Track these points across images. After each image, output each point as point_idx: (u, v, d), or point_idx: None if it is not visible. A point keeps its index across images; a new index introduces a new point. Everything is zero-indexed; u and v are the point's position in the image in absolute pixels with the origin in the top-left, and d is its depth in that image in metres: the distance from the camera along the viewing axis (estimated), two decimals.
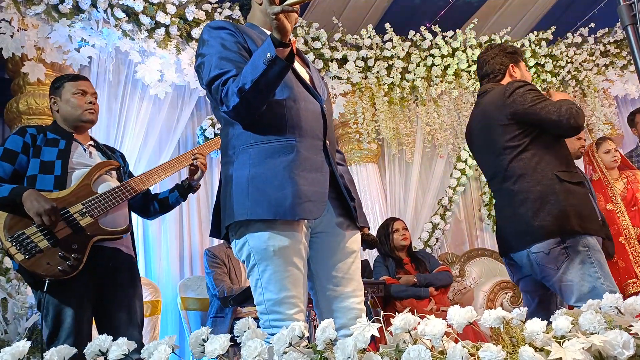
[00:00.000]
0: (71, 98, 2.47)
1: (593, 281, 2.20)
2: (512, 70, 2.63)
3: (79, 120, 2.48)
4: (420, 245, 5.29)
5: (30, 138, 2.38)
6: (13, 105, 3.98)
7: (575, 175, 2.41)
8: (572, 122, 2.32)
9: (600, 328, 1.30)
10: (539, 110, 2.37)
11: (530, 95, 2.41)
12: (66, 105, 2.48)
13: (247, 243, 1.68)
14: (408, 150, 5.48)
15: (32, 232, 2.18)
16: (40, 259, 2.14)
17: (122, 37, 4.18)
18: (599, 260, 2.25)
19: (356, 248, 1.85)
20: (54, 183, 2.31)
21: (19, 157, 2.34)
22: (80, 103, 2.47)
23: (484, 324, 1.38)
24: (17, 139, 2.37)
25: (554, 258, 2.27)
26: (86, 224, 2.27)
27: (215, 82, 1.67)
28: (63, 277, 2.15)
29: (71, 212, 2.26)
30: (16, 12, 3.77)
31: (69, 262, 2.17)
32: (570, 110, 2.32)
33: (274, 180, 1.66)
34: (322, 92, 1.87)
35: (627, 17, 1.41)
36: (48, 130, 2.46)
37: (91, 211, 2.29)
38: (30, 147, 2.36)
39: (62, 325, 2.19)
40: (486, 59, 2.69)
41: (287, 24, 1.56)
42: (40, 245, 2.16)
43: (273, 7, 1.53)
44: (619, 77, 6.04)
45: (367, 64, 5.32)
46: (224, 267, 3.83)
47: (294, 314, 1.64)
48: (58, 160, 2.35)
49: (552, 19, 5.70)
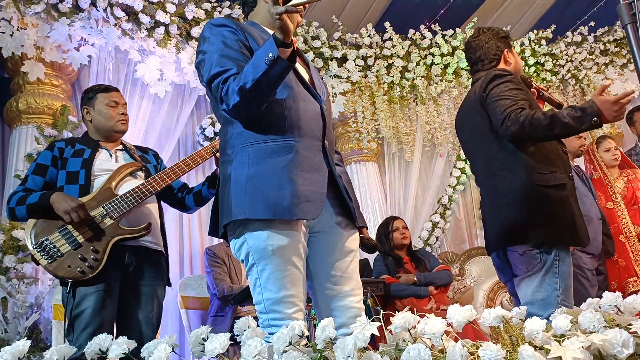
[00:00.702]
0: (104, 109, 2.56)
1: (549, 291, 2.18)
2: (507, 55, 2.51)
3: (111, 131, 2.57)
4: (420, 244, 5.29)
5: (58, 151, 2.49)
6: (13, 105, 3.98)
7: (553, 177, 2.25)
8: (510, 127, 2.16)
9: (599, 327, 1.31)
10: (496, 102, 2.23)
11: (502, 87, 2.27)
12: (99, 116, 2.57)
13: (245, 242, 1.68)
14: (408, 149, 5.48)
15: (55, 238, 2.29)
16: (61, 262, 2.25)
17: (122, 36, 4.17)
18: (564, 272, 2.19)
19: (354, 247, 1.85)
20: (79, 192, 2.40)
21: (48, 169, 2.46)
22: (112, 114, 2.56)
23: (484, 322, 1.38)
24: (47, 153, 2.49)
25: (527, 261, 2.24)
26: (106, 226, 2.35)
27: (216, 80, 1.66)
28: (82, 277, 2.25)
29: (92, 215, 2.34)
30: (16, 11, 3.77)
31: (87, 264, 2.27)
32: (518, 116, 2.15)
33: (272, 180, 1.66)
34: (321, 93, 1.87)
35: (627, 16, 1.41)
36: (77, 141, 2.56)
37: (111, 213, 2.36)
38: (58, 159, 2.47)
39: (81, 317, 2.25)
40: (479, 44, 2.53)
41: (290, 24, 1.55)
42: (62, 250, 2.27)
43: (277, 7, 1.52)
44: (618, 75, 6.03)
45: (367, 62, 5.32)
46: (224, 267, 3.83)
47: (293, 313, 1.64)
48: (82, 170, 2.44)
49: (551, 17, 5.70)
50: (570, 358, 1.18)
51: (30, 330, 3.35)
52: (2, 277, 3.41)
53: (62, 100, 4.08)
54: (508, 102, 2.22)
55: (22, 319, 3.37)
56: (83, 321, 2.24)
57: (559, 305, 2.09)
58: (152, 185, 2.46)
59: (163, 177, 2.50)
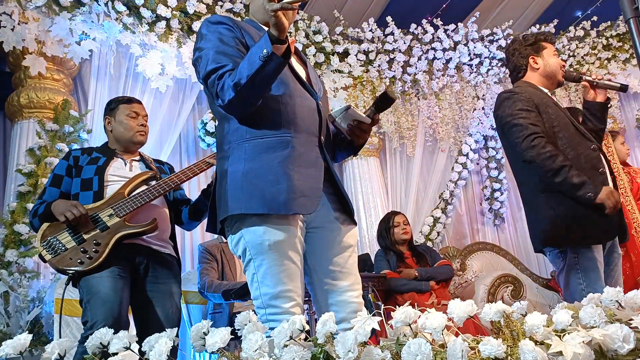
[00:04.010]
0: (124, 120, 2.61)
1: (574, 286, 2.32)
2: (533, 62, 2.58)
3: (130, 142, 2.62)
4: (421, 239, 5.29)
5: (73, 160, 2.55)
6: (14, 99, 3.98)
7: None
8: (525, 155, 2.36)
9: (600, 322, 1.30)
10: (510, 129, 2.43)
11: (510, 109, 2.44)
12: (119, 126, 2.61)
13: (242, 238, 1.69)
14: (409, 144, 5.48)
15: (62, 236, 2.35)
16: (64, 256, 2.30)
17: (123, 31, 4.16)
18: (586, 267, 2.30)
19: (353, 242, 1.86)
20: (93, 198, 2.44)
21: (63, 180, 2.52)
22: (132, 125, 2.61)
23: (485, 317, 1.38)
24: (63, 162, 2.56)
25: (553, 260, 2.45)
26: (112, 223, 2.38)
27: (212, 76, 1.67)
28: (82, 268, 2.27)
29: (100, 216, 2.39)
30: (17, 5, 3.76)
31: (87, 255, 2.29)
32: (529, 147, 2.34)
33: (268, 175, 1.67)
34: (318, 89, 1.88)
35: (630, 10, 1.40)
36: (95, 150, 2.61)
37: (118, 212, 2.40)
38: (73, 168, 2.53)
39: (98, 294, 2.25)
40: (509, 56, 2.67)
41: (284, 21, 1.57)
42: (66, 245, 2.32)
43: (272, 4, 1.54)
44: (621, 70, 6.02)
45: (369, 57, 5.31)
46: (214, 262, 3.82)
47: (290, 308, 1.65)
48: (95, 176, 2.49)
49: (554, 12, 5.67)
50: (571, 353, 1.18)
51: (32, 324, 3.36)
52: (4, 271, 3.42)
53: (64, 95, 4.08)
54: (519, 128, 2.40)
55: (24, 313, 3.38)
56: (100, 299, 2.23)
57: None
58: (161, 187, 2.49)
59: (173, 179, 2.53)
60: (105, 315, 2.18)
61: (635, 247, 3.71)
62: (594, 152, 2.42)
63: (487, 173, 5.89)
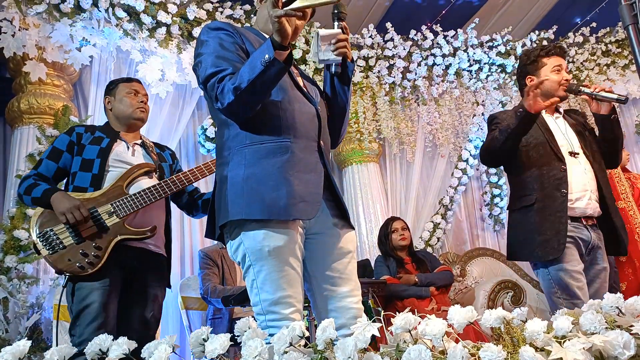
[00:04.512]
0: (124, 97, 2.60)
1: (550, 295, 2.49)
2: (529, 82, 2.66)
3: (130, 118, 2.59)
4: (421, 245, 5.28)
5: (76, 136, 2.50)
6: (14, 105, 3.98)
7: (520, 200, 2.57)
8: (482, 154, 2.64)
9: (601, 328, 1.30)
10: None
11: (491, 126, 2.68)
12: (119, 104, 2.60)
13: (242, 244, 1.69)
14: (409, 149, 5.48)
15: (59, 230, 2.30)
16: (63, 255, 2.26)
17: (124, 37, 4.18)
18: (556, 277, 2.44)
19: (352, 248, 1.86)
20: (91, 181, 2.41)
21: (63, 155, 2.47)
22: (132, 102, 2.59)
23: (485, 323, 1.38)
24: (64, 137, 2.50)
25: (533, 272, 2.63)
26: (111, 224, 2.35)
27: (212, 79, 1.69)
28: (81, 273, 2.25)
29: (99, 211, 2.35)
30: (17, 11, 3.77)
31: (88, 260, 2.26)
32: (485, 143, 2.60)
33: (268, 181, 1.67)
34: (315, 95, 1.88)
35: (629, 17, 1.40)
36: (97, 129, 2.57)
37: (118, 211, 2.36)
38: (75, 145, 2.48)
39: (88, 309, 2.24)
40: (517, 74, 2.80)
41: (287, 28, 1.58)
42: (64, 242, 2.28)
43: (276, 10, 1.56)
44: (620, 76, 6.03)
45: (369, 63, 5.32)
46: (215, 268, 3.82)
47: (290, 314, 1.64)
48: (97, 159, 2.45)
49: (553, 18, 5.69)
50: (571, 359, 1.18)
51: (31, 330, 3.35)
52: (3, 277, 3.41)
53: (64, 101, 4.09)
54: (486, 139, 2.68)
55: (23, 319, 3.37)
56: (90, 315, 2.22)
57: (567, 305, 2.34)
58: (162, 189, 2.46)
59: (175, 181, 2.49)
60: (93, 333, 2.16)
61: (638, 252, 3.71)
62: (560, 173, 2.49)
63: (487, 179, 5.89)
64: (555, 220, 2.44)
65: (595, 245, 2.51)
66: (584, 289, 2.42)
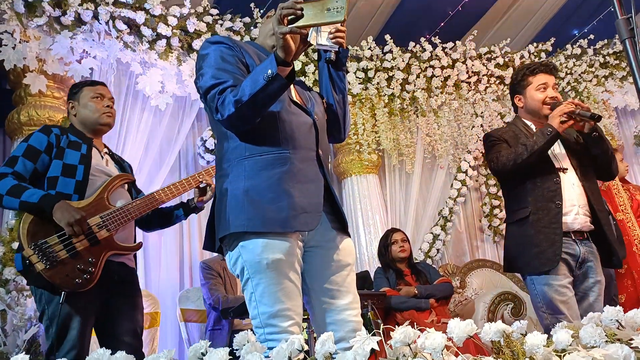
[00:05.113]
0: (89, 102, 2.51)
1: (537, 309, 2.53)
2: (517, 102, 2.75)
3: (97, 124, 2.51)
4: (420, 257, 5.27)
5: (55, 138, 2.39)
6: (14, 116, 3.99)
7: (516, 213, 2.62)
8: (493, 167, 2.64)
9: (601, 341, 1.30)
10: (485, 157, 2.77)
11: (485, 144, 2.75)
12: (84, 109, 2.51)
13: (240, 256, 1.69)
14: (408, 161, 5.48)
15: (54, 242, 2.20)
16: (60, 269, 2.16)
17: (124, 49, 4.19)
18: (542, 291, 2.49)
19: (351, 261, 1.86)
20: (75, 187, 2.34)
21: (41, 156, 2.35)
22: (98, 107, 2.51)
23: (485, 337, 1.38)
24: (42, 137, 2.38)
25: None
26: (102, 238, 2.30)
27: (212, 91, 1.70)
28: (79, 289, 2.19)
29: (90, 224, 2.28)
30: (18, 24, 3.79)
31: (85, 276, 2.21)
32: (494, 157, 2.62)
33: (268, 193, 1.68)
34: (310, 105, 1.90)
35: (625, 31, 1.42)
36: (69, 132, 2.48)
37: (108, 225, 2.32)
38: (54, 147, 2.37)
39: (67, 337, 2.20)
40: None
41: (292, 45, 1.61)
42: (60, 256, 2.19)
43: (281, 27, 1.59)
44: (618, 88, 6.05)
45: (368, 75, 5.34)
46: (219, 278, 3.82)
47: (289, 327, 1.64)
48: (81, 165, 2.38)
49: (551, 30, 5.72)
50: None
51: (29, 343, 3.33)
52: (1, 289, 3.40)
53: (63, 113, 4.09)
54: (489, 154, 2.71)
55: (21, 331, 3.35)
56: (69, 342, 2.19)
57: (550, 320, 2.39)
58: (150, 202, 2.46)
59: (162, 195, 2.49)
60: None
61: (637, 264, 3.70)
62: (554, 185, 2.53)
63: (486, 190, 5.90)
64: (549, 232, 2.47)
65: (586, 259, 2.53)
66: (569, 303, 2.44)
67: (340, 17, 1.57)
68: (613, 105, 6.09)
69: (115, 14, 4.10)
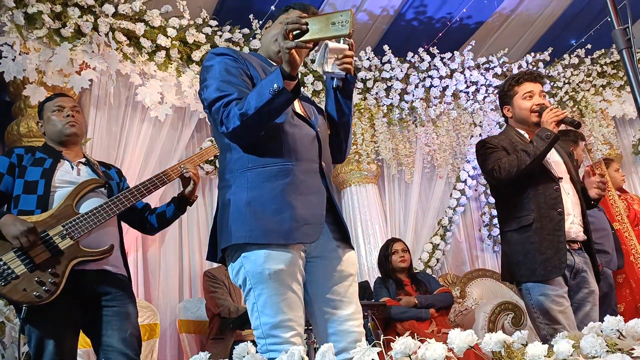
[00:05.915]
0: (51, 116, 2.51)
1: (534, 319, 2.51)
2: (506, 112, 2.77)
3: (62, 135, 2.49)
4: (420, 266, 5.26)
5: (17, 158, 2.38)
6: (14, 128, 3.99)
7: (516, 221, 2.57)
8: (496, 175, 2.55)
9: (602, 352, 1.30)
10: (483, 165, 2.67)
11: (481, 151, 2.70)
12: (48, 124, 2.52)
13: (242, 267, 1.69)
14: (407, 170, 5.49)
15: (9, 258, 2.15)
16: (16, 285, 2.11)
17: (123, 60, 4.21)
18: (537, 301, 2.47)
19: (353, 271, 1.86)
20: (37, 203, 2.29)
21: (4, 178, 2.34)
22: (58, 119, 2.49)
23: (485, 347, 1.37)
24: (4, 159, 2.38)
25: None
26: (65, 247, 2.22)
27: (217, 103, 1.71)
28: (39, 302, 2.11)
29: (50, 234, 2.22)
30: (18, 36, 3.80)
31: (45, 288, 2.14)
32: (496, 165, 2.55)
33: (271, 204, 1.68)
34: (314, 118, 1.91)
35: (622, 41, 1.43)
36: (38, 150, 2.47)
37: (71, 233, 2.24)
38: (16, 167, 2.36)
39: (44, 353, 2.16)
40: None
41: (297, 59, 1.63)
42: (16, 271, 2.13)
43: (287, 42, 1.60)
44: (616, 97, 6.07)
45: (366, 85, 5.36)
46: (225, 288, 3.81)
47: (291, 337, 1.64)
48: (41, 180, 2.33)
49: (548, 40, 5.75)
50: None
51: (27, 356, 3.32)
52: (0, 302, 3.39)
53: None
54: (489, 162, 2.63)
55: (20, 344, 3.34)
56: (48, 357, 2.16)
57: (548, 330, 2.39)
58: (115, 205, 2.35)
59: (128, 196, 2.39)
60: None
61: (634, 273, 3.70)
62: (555, 193, 2.52)
63: (486, 199, 5.90)
64: (554, 239, 2.46)
65: (581, 269, 2.53)
66: (567, 313, 2.43)
67: (346, 30, 1.58)
68: (611, 114, 6.11)
69: (114, 25, 4.12)
